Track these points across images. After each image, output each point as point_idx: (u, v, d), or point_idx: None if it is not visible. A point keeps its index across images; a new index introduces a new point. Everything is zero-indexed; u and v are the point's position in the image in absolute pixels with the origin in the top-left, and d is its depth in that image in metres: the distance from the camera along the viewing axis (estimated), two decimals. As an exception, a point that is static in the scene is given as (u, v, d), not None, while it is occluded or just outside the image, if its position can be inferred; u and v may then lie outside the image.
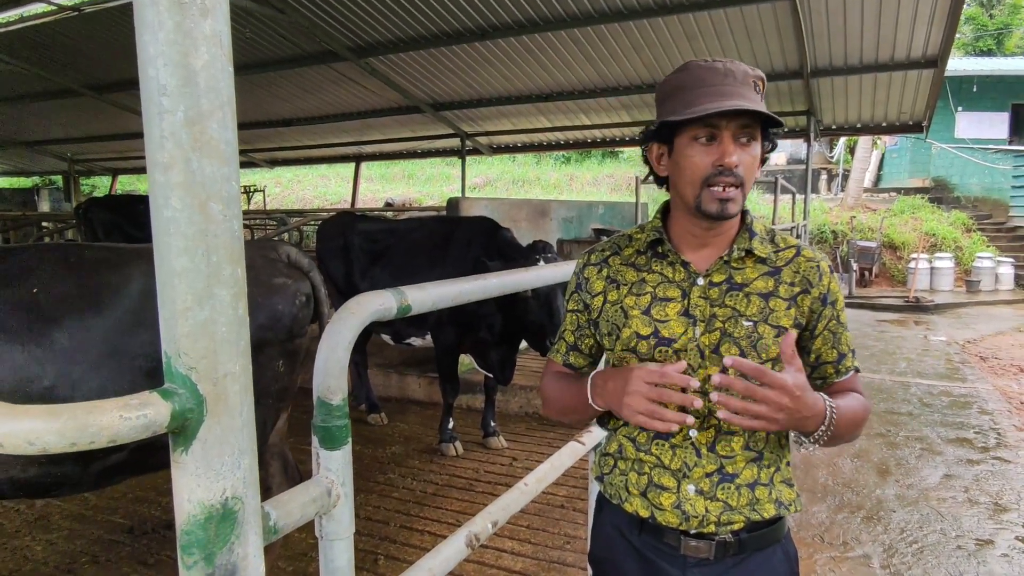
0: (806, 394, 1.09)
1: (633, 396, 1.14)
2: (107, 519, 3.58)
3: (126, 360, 2.04)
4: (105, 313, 2.05)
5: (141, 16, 0.71)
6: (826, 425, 1.13)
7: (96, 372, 2.00)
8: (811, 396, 1.11)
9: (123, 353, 2.04)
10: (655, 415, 1.12)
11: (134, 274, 2.13)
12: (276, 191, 22.42)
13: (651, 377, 1.13)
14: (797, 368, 1.10)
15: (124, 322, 2.07)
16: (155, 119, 0.72)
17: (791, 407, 1.07)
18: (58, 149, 13.80)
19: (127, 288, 2.10)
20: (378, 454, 4.51)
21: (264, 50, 7.68)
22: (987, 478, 4.43)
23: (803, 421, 1.11)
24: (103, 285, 2.09)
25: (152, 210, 0.74)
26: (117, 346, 2.04)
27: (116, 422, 0.71)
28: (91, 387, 1.99)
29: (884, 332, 10.04)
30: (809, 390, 1.11)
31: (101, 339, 2.02)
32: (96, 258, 2.18)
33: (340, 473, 1.04)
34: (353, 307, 1.06)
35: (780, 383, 1.06)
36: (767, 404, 1.07)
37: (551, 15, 6.38)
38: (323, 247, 5.11)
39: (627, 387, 1.15)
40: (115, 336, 2.04)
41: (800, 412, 1.09)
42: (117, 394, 2.09)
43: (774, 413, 1.07)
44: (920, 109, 7.76)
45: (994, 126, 18.66)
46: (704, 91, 1.15)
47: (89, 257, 2.18)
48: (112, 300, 2.07)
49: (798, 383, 1.08)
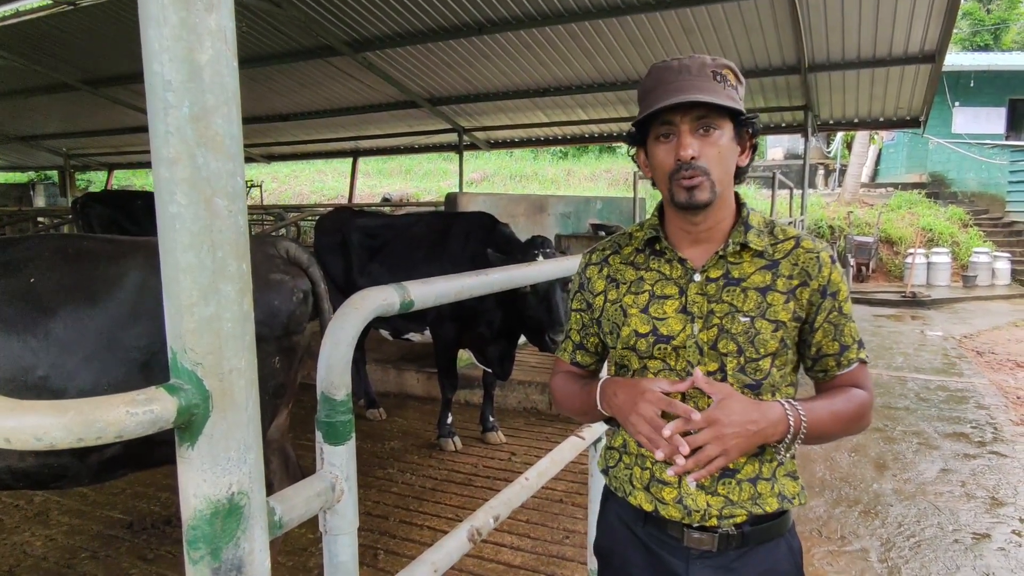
0: (745, 414, 1.12)
1: (638, 420, 1.17)
2: (106, 514, 3.58)
3: (121, 352, 2.04)
4: (101, 305, 2.05)
5: (146, 11, 0.70)
6: (794, 430, 1.15)
7: (90, 364, 2.00)
8: (754, 410, 1.14)
9: (119, 345, 2.04)
10: (655, 443, 1.16)
11: (131, 266, 2.13)
12: (273, 186, 22.36)
13: (659, 403, 1.17)
14: (723, 394, 1.14)
15: (120, 314, 2.06)
16: (160, 114, 0.72)
17: (732, 433, 1.11)
18: (54, 144, 13.74)
19: (124, 280, 2.10)
20: (377, 449, 4.52)
21: (261, 45, 7.65)
22: (984, 472, 4.45)
23: (761, 436, 1.14)
24: (100, 277, 2.09)
25: (158, 206, 0.74)
26: (113, 338, 2.03)
27: (123, 417, 0.71)
28: (85, 379, 1.99)
29: (881, 327, 10.07)
30: (751, 404, 1.14)
31: (96, 331, 2.02)
32: (94, 249, 2.17)
33: (344, 468, 1.04)
34: (356, 303, 1.07)
35: (706, 419, 1.12)
36: (710, 443, 1.11)
37: (548, 10, 6.37)
38: (321, 243, 5.10)
39: (635, 407, 1.18)
40: (111, 328, 2.04)
41: (748, 430, 1.12)
42: (112, 386, 2.08)
43: (721, 446, 1.12)
44: (917, 104, 7.77)
45: (991, 121, 18.66)
46: (660, 90, 1.18)
47: (87, 248, 2.17)
48: (108, 292, 2.07)
49: (729, 409, 1.12)
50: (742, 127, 1.23)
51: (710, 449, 1.11)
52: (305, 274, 2.47)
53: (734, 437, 1.11)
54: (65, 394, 1.95)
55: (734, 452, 1.12)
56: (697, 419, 1.11)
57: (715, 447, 1.11)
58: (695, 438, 1.12)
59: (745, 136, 1.25)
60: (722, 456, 1.12)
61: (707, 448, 1.11)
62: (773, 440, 1.16)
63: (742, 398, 1.15)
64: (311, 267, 2.51)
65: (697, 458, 1.12)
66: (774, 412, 1.14)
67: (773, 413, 1.14)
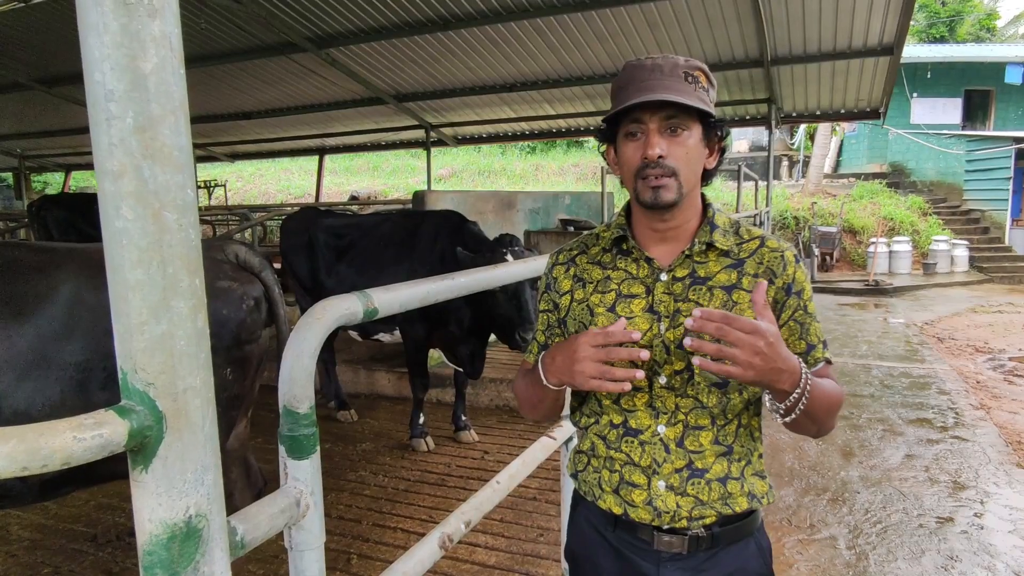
0: (779, 344, 1.07)
1: (583, 363, 1.13)
2: (69, 528, 3.49)
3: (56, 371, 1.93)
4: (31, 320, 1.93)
5: (84, 18, 0.67)
6: (801, 388, 1.10)
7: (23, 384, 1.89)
8: (785, 350, 1.08)
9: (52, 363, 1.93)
10: (607, 375, 1.12)
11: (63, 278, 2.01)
12: (238, 185, 22.03)
13: (595, 340, 1.13)
14: (769, 319, 1.08)
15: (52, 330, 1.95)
16: (103, 125, 0.69)
17: (765, 352, 1.04)
18: (7, 145, 13.34)
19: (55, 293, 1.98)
20: (348, 451, 4.47)
21: (221, 41, 7.50)
22: (946, 457, 4.56)
23: (778, 374, 1.07)
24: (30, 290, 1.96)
25: (103, 220, 0.71)
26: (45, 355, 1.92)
27: (70, 443, 0.68)
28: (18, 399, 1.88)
29: (845, 316, 10.26)
30: (783, 343, 1.08)
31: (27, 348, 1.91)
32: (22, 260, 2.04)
33: (309, 482, 1.02)
34: (318, 313, 1.04)
35: (752, 326, 1.04)
36: (740, 347, 1.04)
37: (513, 5, 6.35)
38: (287, 243, 5.03)
39: (575, 355, 1.14)
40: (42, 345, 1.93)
41: (775, 362, 1.06)
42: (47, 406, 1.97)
43: (749, 356, 1.04)
44: (877, 96, 7.92)
45: (947, 112, 19.14)
46: (632, 88, 1.18)
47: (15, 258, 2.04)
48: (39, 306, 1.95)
49: (772, 331, 1.06)
50: (711, 130, 1.23)
51: (740, 353, 1.03)
52: (258, 279, 2.34)
53: (763, 359, 1.04)
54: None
55: (752, 371, 1.05)
56: (744, 322, 1.04)
57: (746, 353, 1.03)
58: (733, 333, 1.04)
59: (714, 139, 1.25)
60: (740, 367, 1.05)
61: (738, 352, 1.03)
62: (782, 386, 1.09)
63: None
64: (264, 271, 2.37)
65: (723, 352, 1.05)
66: (795, 361, 1.09)
67: (795, 363, 1.09)
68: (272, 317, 2.41)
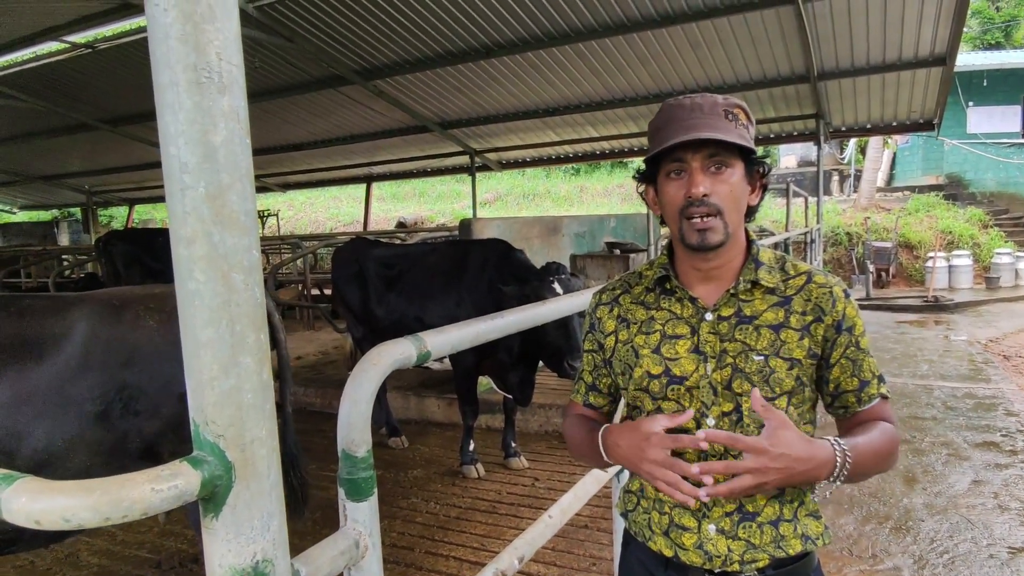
0: (794, 449, 1.07)
1: (651, 466, 1.15)
2: (134, 554, 3.61)
3: (74, 406, 2.05)
4: (48, 360, 2.05)
5: (161, 97, 0.72)
6: (839, 470, 1.11)
7: (41, 421, 2.00)
8: (804, 448, 1.08)
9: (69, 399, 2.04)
10: (676, 485, 1.13)
11: (76, 318, 2.14)
12: (289, 214, 22.60)
13: (666, 445, 1.14)
14: (777, 423, 1.09)
15: (68, 367, 2.07)
16: (177, 195, 0.74)
17: (776, 467, 1.06)
18: (76, 182, 14.04)
19: (70, 333, 2.11)
20: (400, 478, 4.52)
21: (274, 78, 7.79)
22: (1016, 482, 4.36)
23: (804, 475, 1.09)
24: (46, 332, 2.09)
25: (177, 283, 0.76)
26: (62, 392, 2.04)
27: (148, 495, 0.72)
28: (38, 436, 1.99)
29: (904, 333, 9.93)
30: (802, 441, 1.09)
31: (45, 387, 2.03)
32: (35, 306, 2.19)
33: (367, 524, 1.04)
34: (374, 359, 1.07)
35: (753, 447, 1.07)
36: (748, 472, 1.07)
37: (555, 31, 6.43)
38: (338, 273, 5.15)
39: (643, 454, 1.16)
40: (59, 383, 2.05)
41: (793, 468, 1.07)
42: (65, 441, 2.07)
43: (760, 478, 1.07)
44: (930, 107, 7.73)
45: (1006, 119, 18.47)
46: (673, 127, 1.18)
47: (29, 306, 2.19)
48: (55, 346, 2.08)
49: (780, 441, 1.07)
50: (753, 166, 1.23)
51: (747, 479, 1.07)
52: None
53: (777, 473, 1.07)
54: (18, 454, 1.95)
55: (770, 487, 1.09)
56: (747, 443, 1.07)
57: (753, 479, 1.07)
58: (736, 464, 1.08)
59: (756, 176, 1.25)
60: (760, 487, 1.08)
61: (744, 478, 1.07)
62: (817, 479, 1.11)
63: (796, 431, 1.09)
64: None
65: (731, 486, 1.08)
66: (824, 452, 1.09)
67: (823, 453, 1.09)
68: (272, 341, 2.50)
